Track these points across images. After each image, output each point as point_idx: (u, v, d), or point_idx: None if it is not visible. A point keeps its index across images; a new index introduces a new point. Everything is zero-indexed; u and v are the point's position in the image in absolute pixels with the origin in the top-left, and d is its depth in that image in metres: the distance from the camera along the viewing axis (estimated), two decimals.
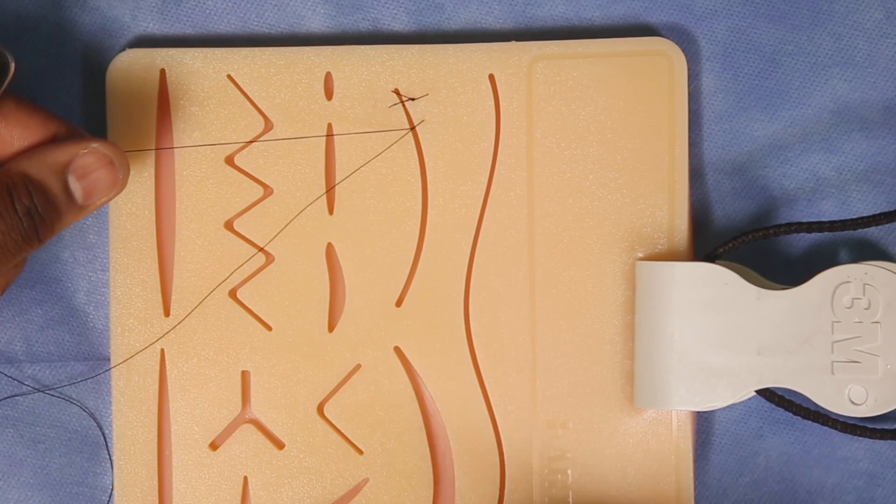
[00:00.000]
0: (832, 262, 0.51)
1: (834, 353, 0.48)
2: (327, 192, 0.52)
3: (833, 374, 0.49)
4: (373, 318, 0.52)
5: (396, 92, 0.52)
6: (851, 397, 0.49)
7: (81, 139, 0.47)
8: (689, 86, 0.52)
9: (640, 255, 0.52)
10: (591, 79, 0.52)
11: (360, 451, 0.52)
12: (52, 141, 0.47)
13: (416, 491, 0.52)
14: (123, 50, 0.53)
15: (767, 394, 0.50)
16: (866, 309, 0.48)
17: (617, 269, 0.52)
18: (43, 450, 0.53)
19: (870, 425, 0.50)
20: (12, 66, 0.45)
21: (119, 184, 0.47)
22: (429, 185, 0.52)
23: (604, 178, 0.52)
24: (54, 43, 0.53)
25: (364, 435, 0.52)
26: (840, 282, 0.49)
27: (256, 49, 0.52)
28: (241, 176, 0.52)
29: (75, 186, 0.46)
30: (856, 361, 0.49)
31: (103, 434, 0.53)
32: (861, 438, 0.52)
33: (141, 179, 0.52)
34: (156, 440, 0.52)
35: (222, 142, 0.52)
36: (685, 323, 0.49)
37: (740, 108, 0.53)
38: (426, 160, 0.52)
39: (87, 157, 0.46)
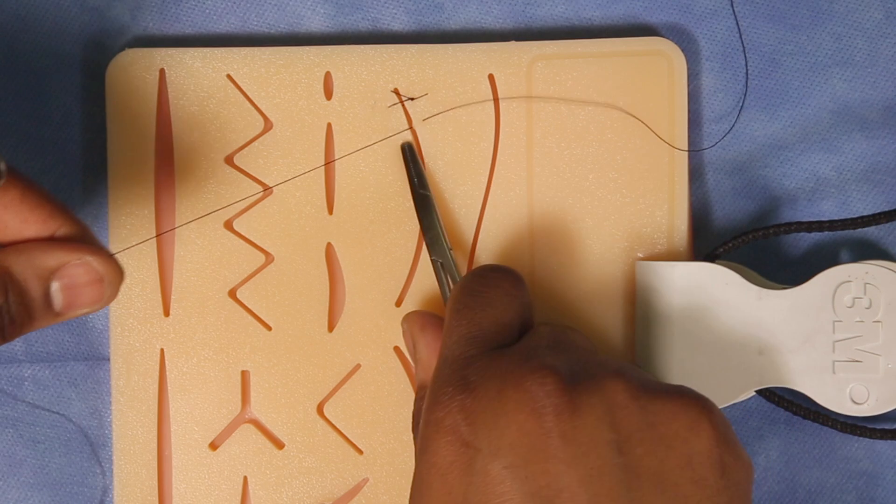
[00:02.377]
0: (833, 262, 0.51)
1: (835, 352, 0.48)
2: (326, 187, 0.52)
3: (834, 373, 0.49)
4: (373, 318, 0.52)
5: (396, 92, 0.52)
6: (853, 396, 0.49)
7: (78, 246, 0.43)
8: (689, 86, 0.52)
9: (640, 255, 0.52)
10: (591, 79, 0.52)
11: (360, 451, 0.52)
12: (52, 236, 0.44)
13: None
14: (123, 50, 0.53)
15: (767, 393, 0.50)
16: (867, 308, 0.48)
17: (617, 269, 0.52)
18: (43, 450, 0.53)
19: (870, 425, 0.50)
20: (3, 169, 0.42)
21: (105, 300, 0.44)
22: (428, 186, 0.52)
23: (604, 178, 0.52)
24: (54, 43, 0.53)
25: (364, 435, 0.52)
26: (841, 281, 0.49)
27: (256, 49, 0.52)
28: (241, 176, 0.52)
29: (57, 295, 0.43)
30: (857, 361, 0.49)
31: (101, 434, 0.53)
32: (861, 438, 0.52)
33: (141, 179, 0.52)
34: (156, 440, 0.52)
35: (223, 142, 0.52)
36: (685, 323, 0.49)
37: (740, 108, 0.53)
38: (426, 160, 0.52)
39: (78, 269, 0.43)
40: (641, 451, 0.39)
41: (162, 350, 0.52)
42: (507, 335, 0.44)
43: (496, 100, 0.52)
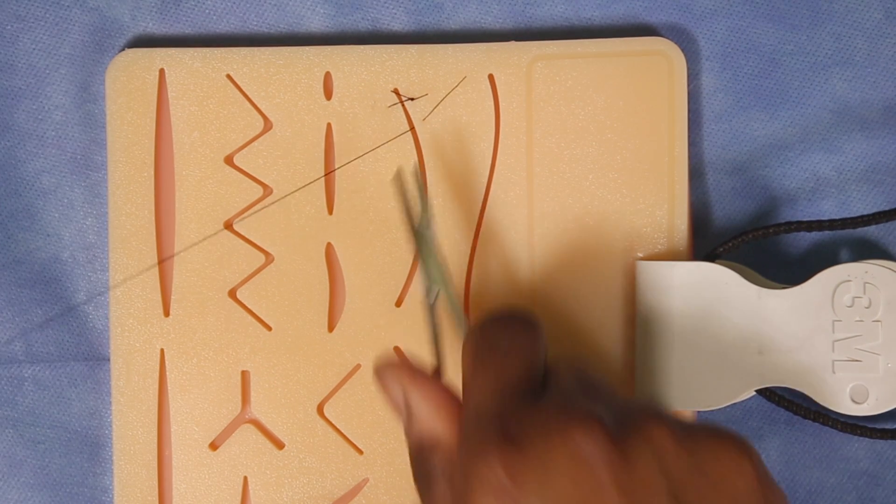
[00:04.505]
0: (832, 261, 0.51)
1: (835, 351, 0.48)
2: (326, 174, 0.52)
3: (834, 372, 0.49)
4: (373, 318, 0.52)
5: (396, 92, 0.52)
6: (852, 396, 0.49)
7: None
8: (688, 86, 0.52)
9: (640, 255, 0.52)
10: (590, 79, 0.52)
11: (360, 451, 0.52)
12: None
13: (416, 491, 0.52)
14: (123, 50, 0.53)
15: (767, 393, 0.50)
16: (867, 308, 0.48)
17: (617, 270, 0.52)
18: (43, 450, 0.53)
19: (870, 425, 0.50)
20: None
21: None
22: (428, 186, 0.52)
23: (604, 178, 0.52)
24: (54, 43, 0.53)
25: (364, 435, 0.52)
26: (841, 280, 0.49)
27: (256, 49, 0.52)
28: (241, 176, 0.52)
29: None
30: (857, 360, 0.48)
31: (101, 434, 0.53)
32: (861, 438, 0.52)
33: (141, 179, 0.52)
34: (156, 440, 0.52)
35: (223, 142, 0.52)
36: (686, 323, 0.49)
37: (740, 108, 0.53)
38: (426, 161, 0.52)
39: None
40: (693, 496, 0.38)
41: (162, 350, 0.52)
42: (535, 381, 0.43)
43: (496, 100, 0.52)
